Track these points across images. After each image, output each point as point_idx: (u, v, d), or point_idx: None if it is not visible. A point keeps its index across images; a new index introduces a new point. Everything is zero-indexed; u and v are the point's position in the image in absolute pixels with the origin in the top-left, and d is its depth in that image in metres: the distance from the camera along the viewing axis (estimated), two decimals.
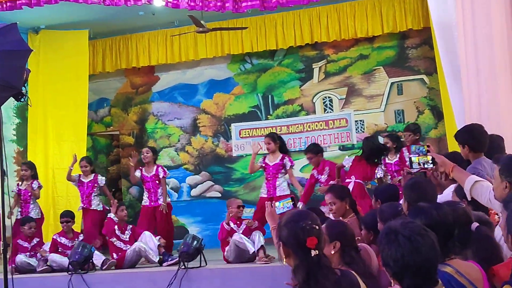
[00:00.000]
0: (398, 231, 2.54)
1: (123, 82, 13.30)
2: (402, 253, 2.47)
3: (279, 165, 8.97)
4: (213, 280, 7.40)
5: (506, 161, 3.76)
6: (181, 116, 12.87)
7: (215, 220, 11.35)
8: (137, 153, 10.03)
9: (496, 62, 6.45)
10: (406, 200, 4.11)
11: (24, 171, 9.94)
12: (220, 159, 12.47)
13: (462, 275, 2.93)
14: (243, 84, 12.51)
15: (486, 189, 4.03)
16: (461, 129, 5.31)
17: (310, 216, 3.07)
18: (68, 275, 7.82)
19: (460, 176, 4.27)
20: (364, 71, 11.83)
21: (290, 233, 2.99)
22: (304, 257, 2.91)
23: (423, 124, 11.30)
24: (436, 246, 2.52)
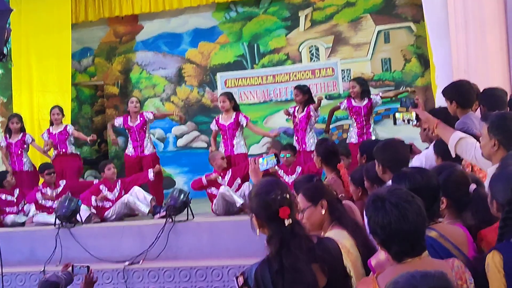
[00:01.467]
0: (385, 198, 2.53)
1: (106, 31, 13.10)
2: (389, 220, 2.48)
3: (234, 124, 8.91)
4: (201, 233, 7.43)
5: (495, 119, 3.72)
6: (165, 65, 12.73)
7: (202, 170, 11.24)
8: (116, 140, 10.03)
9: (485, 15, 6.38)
10: (379, 163, 4.09)
11: (16, 124, 9.79)
12: (206, 109, 12.40)
13: (447, 239, 2.93)
14: (228, 32, 12.35)
15: (471, 146, 4.02)
16: (448, 85, 5.26)
17: (280, 185, 3.00)
18: (55, 229, 7.81)
19: (444, 132, 4.24)
20: (351, 18, 11.68)
21: (261, 204, 2.92)
22: (277, 228, 2.86)
23: (410, 73, 11.29)
24: (423, 212, 2.52)
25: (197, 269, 6.99)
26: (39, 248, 7.85)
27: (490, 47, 6.52)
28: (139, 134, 9.35)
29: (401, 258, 2.53)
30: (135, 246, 7.48)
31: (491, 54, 6.47)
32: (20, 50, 11.24)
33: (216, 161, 8.37)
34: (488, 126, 3.68)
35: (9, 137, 9.80)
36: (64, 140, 9.70)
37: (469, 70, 6.33)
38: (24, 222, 8.70)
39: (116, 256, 7.45)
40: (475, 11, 6.57)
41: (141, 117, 9.45)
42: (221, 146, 9.06)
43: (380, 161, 4.13)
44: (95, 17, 12.44)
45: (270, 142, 11.63)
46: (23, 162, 9.70)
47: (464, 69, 6.36)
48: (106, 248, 7.60)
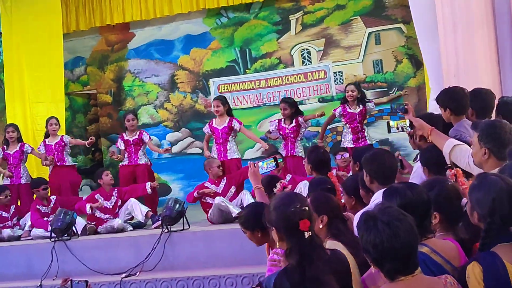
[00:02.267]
0: (377, 217, 2.54)
1: (98, 40, 13.11)
2: (381, 239, 2.49)
3: (227, 128, 8.90)
4: (197, 242, 7.42)
5: (484, 127, 3.74)
6: (158, 72, 12.75)
7: (197, 176, 11.33)
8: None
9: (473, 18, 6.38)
10: (367, 173, 4.09)
11: (11, 133, 9.62)
12: (199, 115, 12.42)
13: (438, 253, 2.95)
14: (219, 38, 12.38)
15: (465, 153, 4.03)
16: (442, 91, 5.25)
17: (299, 198, 3.06)
18: (51, 243, 7.80)
19: (439, 139, 4.26)
20: (341, 21, 11.72)
21: (281, 218, 2.99)
22: (297, 240, 2.92)
23: (402, 74, 11.33)
24: (414, 230, 2.53)
25: (194, 279, 6.97)
26: (35, 262, 7.82)
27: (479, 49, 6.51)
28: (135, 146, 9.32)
29: (394, 276, 2.54)
30: (132, 258, 7.45)
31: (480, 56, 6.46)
32: (12, 61, 11.24)
33: (212, 170, 8.37)
34: (478, 135, 3.69)
35: (7, 148, 9.67)
36: (61, 151, 9.62)
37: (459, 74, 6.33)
38: (20, 236, 8.68)
39: (112, 268, 7.43)
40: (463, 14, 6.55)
41: (140, 134, 9.38)
42: (214, 151, 9.04)
43: (367, 172, 4.14)
44: (86, 26, 12.45)
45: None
46: (21, 174, 9.56)
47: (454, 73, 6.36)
48: (102, 260, 7.58)
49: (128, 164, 9.34)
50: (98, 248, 7.76)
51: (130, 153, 9.33)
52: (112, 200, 8.59)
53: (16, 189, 9.43)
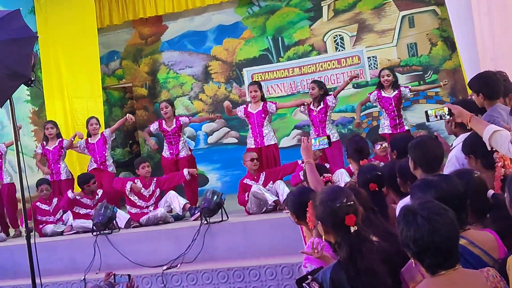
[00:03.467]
0: (416, 211, 2.53)
1: (131, 34, 13.22)
2: (421, 234, 2.47)
3: (262, 112, 8.86)
4: (236, 233, 7.47)
5: None
6: (192, 64, 12.81)
7: (234, 166, 11.46)
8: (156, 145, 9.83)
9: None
10: (412, 159, 4.07)
11: (50, 129, 9.71)
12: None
13: (476, 245, 2.92)
14: (252, 27, 12.38)
15: (506, 138, 3.97)
16: (474, 77, 5.18)
17: (345, 193, 3.08)
18: (93, 236, 7.94)
19: (478, 126, 4.21)
20: (374, 5, 11.62)
21: (328, 212, 3.02)
22: (344, 235, 2.95)
23: (437, 56, 11.20)
24: (455, 225, 2.51)
25: (235, 269, 7.03)
26: (78, 257, 7.97)
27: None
28: (174, 137, 9.32)
29: (435, 271, 2.53)
30: (172, 250, 7.55)
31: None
32: (49, 58, 11.39)
33: (246, 163, 8.34)
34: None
35: (46, 144, 9.79)
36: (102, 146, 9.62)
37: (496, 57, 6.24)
38: (62, 231, 8.84)
39: (154, 261, 7.54)
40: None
41: (177, 121, 9.36)
42: (250, 137, 9.02)
43: (412, 158, 4.11)
44: (120, 20, 12.57)
45: (300, 134, 11.65)
46: (61, 170, 9.69)
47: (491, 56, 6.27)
48: (144, 253, 7.69)
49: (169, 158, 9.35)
50: (139, 241, 7.86)
51: (170, 144, 9.33)
52: (150, 189, 8.68)
53: (57, 186, 9.57)
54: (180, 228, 7.88)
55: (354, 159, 6.05)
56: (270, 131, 8.96)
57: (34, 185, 9.12)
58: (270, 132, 8.95)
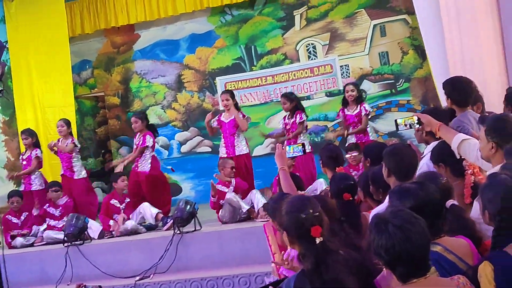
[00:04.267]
0: (388, 220, 2.54)
1: (103, 43, 13.14)
2: (393, 242, 2.48)
3: (234, 121, 8.81)
4: (209, 243, 7.46)
5: (491, 122, 3.77)
6: (165, 73, 12.76)
7: (207, 175, 11.33)
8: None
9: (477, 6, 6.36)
10: (386, 166, 4.10)
11: (24, 139, 9.61)
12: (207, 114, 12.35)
13: (451, 252, 2.94)
14: (224, 36, 12.37)
15: (474, 147, 4.03)
16: (446, 80, 5.26)
17: (312, 203, 3.07)
18: (64, 247, 7.85)
19: (447, 135, 4.26)
20: (346, 15, 11.68)
21: (293, 222, 3.01)
22: (309, 245, 2.94)
23: (408, 65, 11.28)
24: (426, 233, 2.53)
25: (208, 279, 7.02)
26: (49, 268, 7.89)
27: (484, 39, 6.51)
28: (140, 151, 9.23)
29: (406, 279, 2.54)
30: (145, 260, 7.51)
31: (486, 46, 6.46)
32: (20, 67, 11.31)
33: (225, 170, 8.33)
34: (486, 129, 3.72)
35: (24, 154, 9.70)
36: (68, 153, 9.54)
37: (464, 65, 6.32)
38: (32, 243, 8.73)
39: (126, 271, 7.49)
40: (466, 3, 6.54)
41: (143, 139, 9.14)
42: (222, 146, 9.00)
43: (387, 165, 4.14)
44: (92, 29, 12.47)
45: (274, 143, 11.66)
46: (31, 180, 9.52)
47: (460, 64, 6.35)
48: (116, 264, 7.63)
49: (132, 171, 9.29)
50: (111, 252, 7.80)
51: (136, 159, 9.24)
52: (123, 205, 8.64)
53: (29, 196, 9.43)
54: (153, 238, 7.84)
55: (329, 167, 6.06)
56: (242, 140, 8.94)
57: (6, 196, 9.03)
58: (242, 141, 8.93)
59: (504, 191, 2.75)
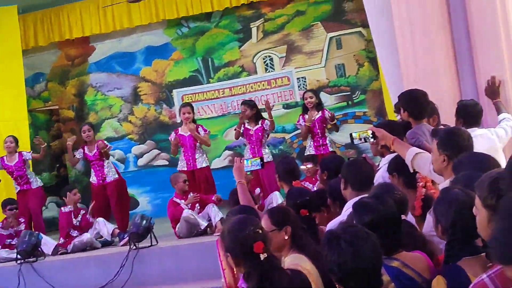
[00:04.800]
0: (340, 236, 2.52)
1: (57, 55, 12.95)
2: (345, 258, 2.47)
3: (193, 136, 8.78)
4: (166, 258, 7.38)
5: (443, 135, 3.82)
6: (120, 85, 12.64)
7: (165, 189, 11.25)
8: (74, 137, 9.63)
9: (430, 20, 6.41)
10: (344, 178, 4.12)
11: None
12: (164, 127, 12.33)
13: (409, 267, 2.94)
14: (181, 48, 12.32)
15: (427, 160, 4.06)
16: (402, 93, 5.29)
17: (252, 221, 3.05)
18: (17, 265, 7.68)
19: (401, 148, 4.30)
20: (302, 27, 11.75)
21: (235, 241, 2.97)
22: (254, 263, 2.91)
23: (364, 77, 11.39)
24: (378, 248, 2.52)
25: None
26: (2, 286, 7.70)
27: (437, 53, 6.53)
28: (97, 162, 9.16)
29: None
30: (101, 276, 7.40)
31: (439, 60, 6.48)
32: None
33: (178, 185, 8.29)
34: (438, 142, 3.76)
35: None
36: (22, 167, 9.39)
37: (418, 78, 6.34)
38: None
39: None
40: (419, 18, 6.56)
41: (96, 147, 9.11)
42: (182, 160, 8.93)
43: (344, 177, 4.16)
44: (45, 42, 12.29)
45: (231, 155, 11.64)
46: None
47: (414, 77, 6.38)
48: (70, 280, 7.51)
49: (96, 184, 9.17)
50: (66, 268, 7.68)
51: (96, 171, 9.16)
52: (78, 218, 8.48)
53: None
54: (109, 254, 7.73)
55: (286, 181, 6.00)
56: (203, 153, 8.90)
57: None
58: (203, 154, 8.90)
59: (456, 205, 2.76)
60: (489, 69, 6.09)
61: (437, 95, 5.75)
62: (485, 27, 6.14)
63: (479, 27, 6.18)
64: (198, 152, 8.82)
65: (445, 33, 6.40)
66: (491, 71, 6.06)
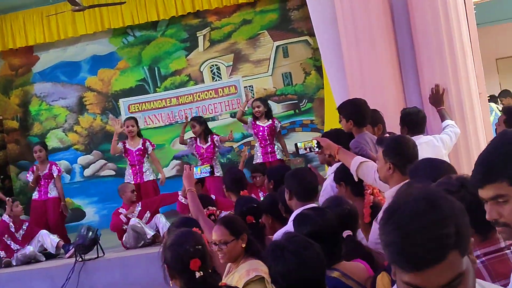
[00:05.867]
0: (284, 246, 2.54)
1: (0, 65, 12.69)
2: (289, 268, 2.48)
3: (141, 150, 8.83)
4: (112, 270, 7.28)
5: (389, 143, 3.87)
6: (66, 95, 12.45)
7: (112, 199, 11.14)
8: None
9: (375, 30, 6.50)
10: (288, 189, 4.13)
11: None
12: (110, 136, 12.01)
13: (349, 277, 2.97)
14: (127, 57, 12.22)
15: (371, 169, 4.12)
16: (344, 102, 5.32)
17: (193, 237, 3.05)
18: None
19: (346, 158, 4.35)
20: (249, 36, 11.80)
21: (173, 256, 2.97)
22: (189, 280, 2.90)
23: (311, 85, 11.48)
24: (321, 257, 2.55)
25: None
26: None
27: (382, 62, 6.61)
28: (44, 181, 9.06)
29: None
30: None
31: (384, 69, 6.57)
32: None
33: (126, 195, 8.23)
34: (383, 150, 3.80)
35: None
36: None
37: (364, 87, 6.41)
38: None
39: None
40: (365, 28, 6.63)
41: (50, 167, 9.09)
42: (128, 173, 8.90)
43: (288, 187, 4.17)
44: None
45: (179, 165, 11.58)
46: None
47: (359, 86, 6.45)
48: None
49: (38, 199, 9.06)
50: (11, 281, 7.51)
51: (40, 186, 9.06)
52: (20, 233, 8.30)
53: None
54: (54, 267, 7.59)
55: (233, 190, 5.97)
56: (149, 167, 8.90)
57: None
58: (149, 168, 8.90)
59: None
60: (433, 78, 6.21)
61: (382, 104, 5.81)
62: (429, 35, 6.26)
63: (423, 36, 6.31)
64: (145, 166, 8.82)
65: (390, 42, 6.50)
66: (435, 79, 6.18)
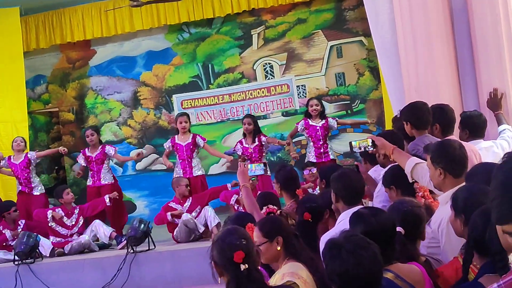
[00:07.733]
0: (341, 245, 2.54)
1: (59, 58, 12.95)
2: (346, 268, 2.48)
3: (191, 144, 8.95)
4: (163, 262, 7.40)
5: (434, 148, 3.84)
6: (120, 89, 12.65)
7: (162, 193, 11.32)
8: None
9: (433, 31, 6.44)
10: (334, 192, 4.11)
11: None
12: (163, 131, 12.34)
13: (402, 279, 2.94)
14: (182, 54, 12.35)
15: (426, 171, 4.07)
16: (405, 106, 5.31)
17: (238, 232, 3.09)
18: (15, 266, 7.68)
19: (401, 158, 4.31)
20: (303, 35, 11.79)
21: (218, 251, 3.02)
22: (234, 273, 2.93)
23: (364, 86, 11.42)
24: (379, 258, 2.54)
25: None
26: None
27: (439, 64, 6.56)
28: (96, 164, 9.24)
29: None
30: (97, 279, 7.42)
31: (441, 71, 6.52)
32: None
33: (180, 188, 8.34)
34: (430, 157, 3.76)
35: None
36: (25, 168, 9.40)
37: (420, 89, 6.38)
38: None
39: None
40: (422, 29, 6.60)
41: (102, 148, 9.37)
42: (178, 168, 9.01)
43: (334, 190, 4.15)
44: (47, 44, 12.31)
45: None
46: None
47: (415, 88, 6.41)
48: (67, 282, 7.52)
49: (92, 185, 9.24)
50: (63, 270, 7.68)
51: (93, 172, 9.24)
52: (73, 217, 8.48)
53: None
54: (106, 257, 7.75)
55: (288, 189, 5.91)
56: (199, 162, 9.01)
57: None
58: (199, 163, 9.02)
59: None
60: (491, 81, 6.13)
61: None
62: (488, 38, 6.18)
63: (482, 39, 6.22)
64: (195, 161, 8.91)
65: (448, 44, 6.44)
66: (493, 83, 6.10)
